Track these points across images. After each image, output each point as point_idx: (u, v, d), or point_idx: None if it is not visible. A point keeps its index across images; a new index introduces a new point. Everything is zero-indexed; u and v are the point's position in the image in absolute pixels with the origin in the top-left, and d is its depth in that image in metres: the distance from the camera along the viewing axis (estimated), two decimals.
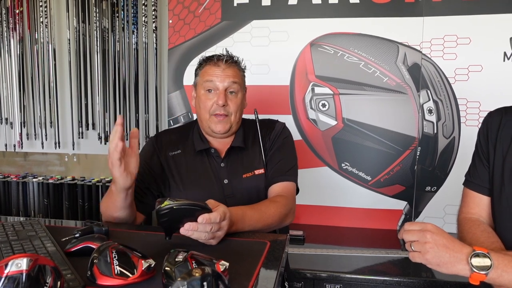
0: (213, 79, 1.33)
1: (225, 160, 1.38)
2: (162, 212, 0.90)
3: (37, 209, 2.38)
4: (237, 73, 1.37)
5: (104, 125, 2.31)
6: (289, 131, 1.48)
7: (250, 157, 1.40)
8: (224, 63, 1.35)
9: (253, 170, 1.38)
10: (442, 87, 1.94)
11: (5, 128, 2.43)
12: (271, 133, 1.43)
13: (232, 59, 1.38)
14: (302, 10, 2.02)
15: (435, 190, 1.98)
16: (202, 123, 1.40)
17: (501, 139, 1.08)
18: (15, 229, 1.02)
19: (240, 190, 1.35)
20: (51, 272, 0.65)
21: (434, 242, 0.90)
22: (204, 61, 1.40)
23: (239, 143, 1.40)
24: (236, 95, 1.37)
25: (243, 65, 1.42)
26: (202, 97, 1.36)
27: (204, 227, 0.94)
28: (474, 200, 1.13)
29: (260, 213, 1.20)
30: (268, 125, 1.46)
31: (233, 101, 1.35)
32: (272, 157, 1.40)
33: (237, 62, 1.40)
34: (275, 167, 1.38)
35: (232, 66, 1.36)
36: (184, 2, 2.11)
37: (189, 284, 0.59)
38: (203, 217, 0.93)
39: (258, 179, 1.37)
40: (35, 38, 2.33)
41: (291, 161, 1.41)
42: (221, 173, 1.37)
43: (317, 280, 1.53)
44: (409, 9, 1.93)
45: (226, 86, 1.34)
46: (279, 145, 1.41)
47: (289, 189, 1.37)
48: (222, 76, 1.34)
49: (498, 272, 0.87)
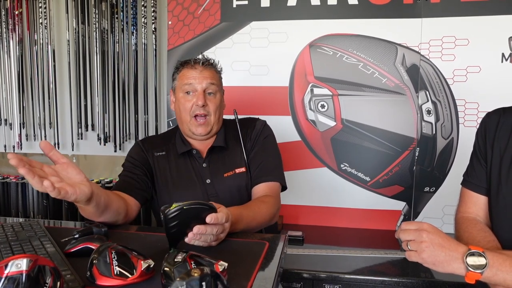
0: (191, 81, 1.36)
1: (206, 160, 1.41)
2: (171, 215, 0.89)
3: (36, 210, 2.38)
4: (214, 75, 1.40)
5: (103, 126, 2.31)
6: (270, 129, 1.50)
7: (231, 156, 1.42)
8: (201, 65, 1.38)
9: (234, 169, 1.40)
10: (441, 88, 1.94)
11: (5, 129, 2.43)
12: (252, 132, 1.45)
13: (209, 61, 1.41)
14: (301, 12, 2.03)
15: (433, 190, 1.99)
16: (183, 126, 1.42)
17: (498, 139, 1.09)
18: (15, 230, 1.02)
19: (222, 189, 1.37)
20: (50, 273, 0.66)
21: (430, 241, 0.91)
22: (181, 65, 1.43)
23: (220, 142, 1.43)
24: (215, 95, 1.40)
25: (219, 68, 1.45)
26: (182, 99, 1.39)
27: (212, 229, 0.94)
28: (472, 200, 1.14)
29: (254, 213, 1.23)
30: (249, 124, 1.48)
31: (212, 101, 1.38)
32: (254, 156, 1.42)
33: (213, 64, 1.43)
34: (259, 167, 1.40)
35: (208, 68, 1.39)
36: (184, 3, 2.12)
37: (187, 284, 0.60)
38: (211, 217, 0.93)
39: (239, 178, 1.39)
40: (35, 39, 2.33)
41: (274, 160, 1.44)
42: (204, 173, 1.39)
43: (316, 281, 1.53)
44: (408, 11, 1.94)
45: (204, 87, 1.36)
46: (261, 145, 1.44)
47: (275, 189, 1.39)
48: (199, 77, 1.36)
49: (493, 271, 0.88)
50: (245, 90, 2.10)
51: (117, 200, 1.15)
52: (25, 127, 2.41)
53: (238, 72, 2.09)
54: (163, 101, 2.28)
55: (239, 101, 2.05)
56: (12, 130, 2.42)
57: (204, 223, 0.93)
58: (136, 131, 2.30)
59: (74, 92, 2.34)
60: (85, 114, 2.33)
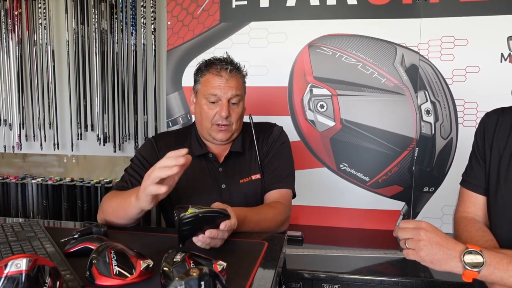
0: (217, 92, 1.31)
1: (223, 165, 1.38)
2: (186, 220, 0.89)
3: (36, 210, 2.38)
4: (239, 83, 1.35)
5: (103, 127, 2.31)
6: (286, 135, 1.47)
7: (247, 162, 1.40)
8: (227, 73, 1.31)
9: (250, 175, 1.38)
10: (440, 88, 1.95)
11: (4, 129, 2.44)
12: (269, 138, 1.43)
13: (235, 67, 1.35)
14: (300, 12, 2.03)
15: (433, 190, 1.99)
16: (202, 131, 1.39)
17: (497, 139, 1.09)
18: (14, 230, 1.02)
19: (237, 195, 1.35)
20: (50, 273, 0.66)
21: (428, 239, 0.91)
22: (205, 67, 1.35)
23: (238, 148, 1.39)
24: (238, 105, 1.35)
25: (245, 72, 1.40)
26: (204, 106, 1.34)
27: (223, 233, 0.95)
28: (470, 199, 1.14)
29: (260, 217, 1.21)
30: (266, 129, 1.45)
31: (235, 111, 1.34)
32: (269, 162, 1.39)
33: (239, 69, 1.37)
34: (273, 173, 1.38)
35: (235, 76, 1.33)
36: (183, 4, 2.12)
37: (186, 284, 0.60)
38: (225, 224, 0.93)
39: (255, 184, 1.37)
40: (34, 39, 2.33)
41: (288, 168, 1.42)
42: (219, 178, 1.37)
43: (316, 281, 1.53)
44: (407, 11, 1.94)
45: (229, 97, 1.32)
46: (277, 151, 1.41)
47: (286, 196, 1.37)
48: (225, 88, 1.31)
49: (490, 270, 0.88)
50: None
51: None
52: (25, 127, 2.41)
53: None
54: (162, 102, 2.28)
55: None
56: (11, 131, 2.42)
57: (216, 227, 0.93)
58: (135, 131, 2.30)
59: (74, 92, 2.34)
60: (84, 115, 2.33)
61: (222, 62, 1.34)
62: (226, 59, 1.36)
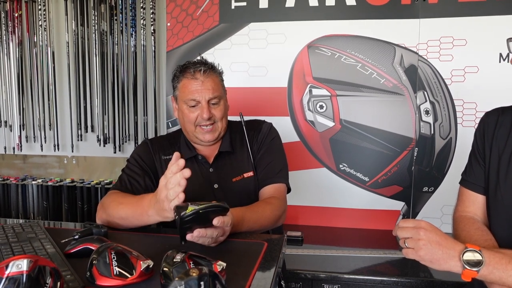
0: (195, 96, 1.32)
1: (213, 165, 1.39)
2: (187, 218, 0.89)
3: (36, 212, 2.39)
4: (216, 83, 1.35)
5: (103, 128, 2.31)
6: (276, 131, 1.48)
7: (238, 160, 1.41)
8: (202, 75, 1.32)
9: (242, 174, 1.38)
10: (439, 88, 1.95)
11: (4, 130, 2.44)
12: (258, 135, 1.43)
13: (209, 67, 1.35)
14: (299, 13, 2.03)
15: (432, 190, 1.99)
16: (188, 135, 1.40)
17: (497, 139, 1.09)
18: (15, 231, 1.02)
19: (231, 194, 1.35)
20: (51, 273, 0.67)
21: (427, 239, 0.91)
22: (180, 73, 1.36)
23: (227, 147, 1.40)
24: (219, 103, 1.36)
25: (220, 70, 1.40)
26: (186, 111, 1.34)
27: (212, 232, 0.96)
28: (470, 199, 1.15)
29: (258, 215, 1.22)
30: (255, 126, 1.46)
31: (217, 110, 1.35)
32: (261, 159, 1.40)
33: (214, 69, 1.37)
34: (266, 169, 1.39)
35: (210, 76, 1.33)
36: (182, 5, 2.12)
37: (186, 284, 0.60)
38: (218, 219, 0.94)
39: (248, 182, 1.38)
40: (34, 41, 2.34)
41: (281, 163, 1.42)
42: (211, 178, 1.38)
43: (315, 281, 1.54)
44: (406, 11, 1.95)
45: (207, 99, 1.32)
46: (268, 147, 1.42)
47: (281, 190, 1.38)
48: (202, 90, 1.31)
49: (489, 269, 0.89)
50: (244, 91, 2.10)
51: None
52: (25, 128, 2.42)
53: (237, 73, 2.10)
54: (162, 102, 2.28)
55: (238, 102, 2.05)
56: (12, 132, 2.43)
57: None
58: (135, 132, 2.31)
59: (74, 93, 2.34)
60: (84, 116, 2.33)
61: (196, 64, 1.35)
62: (200, 61, 1.37)
